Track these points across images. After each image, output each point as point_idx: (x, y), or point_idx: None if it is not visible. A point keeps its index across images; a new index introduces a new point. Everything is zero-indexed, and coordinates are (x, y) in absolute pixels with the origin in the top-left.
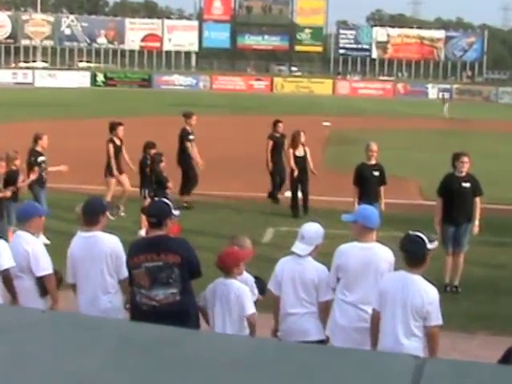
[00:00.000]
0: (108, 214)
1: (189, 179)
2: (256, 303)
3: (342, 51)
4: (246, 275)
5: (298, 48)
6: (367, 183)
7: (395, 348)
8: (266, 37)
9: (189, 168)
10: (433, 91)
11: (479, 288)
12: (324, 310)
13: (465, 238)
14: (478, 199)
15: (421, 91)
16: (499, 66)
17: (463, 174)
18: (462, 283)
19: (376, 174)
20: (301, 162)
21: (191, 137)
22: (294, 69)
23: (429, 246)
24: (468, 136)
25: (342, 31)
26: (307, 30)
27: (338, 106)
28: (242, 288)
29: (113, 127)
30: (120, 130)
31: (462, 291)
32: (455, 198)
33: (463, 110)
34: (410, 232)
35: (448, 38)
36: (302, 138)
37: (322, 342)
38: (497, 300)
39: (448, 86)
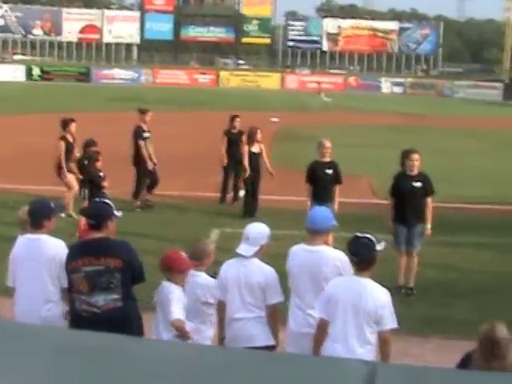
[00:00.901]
0: (56, 215)
1: (142, 180)
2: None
3: (290, 43)
4: (206, 279)
5: (244, 40)
6: (320, 182)
7: (348, 357)
8: (211, 28)
9: (142, 168)
10: (386, 84)
11: (433, 290)
12: (272, 315)
13: (417, 239)
14: (429, 200)
15: (373, 85)
16: (454, 59)
17: (414, 172)
18: (415, 285)
19: (329, 172)
20: (256, 159)
21: (146, 134)
22: (240, 62)
23: (377, 247)
24: (422, 132)
25: (290, 22)
26: (254, 22)
27: (287, 100)
28: (172, 292)
29: (65, 124)
30: (73, 127)
31: (416, 293)
32: (406, 199)
33: (417, 104)
34: (358, 234)
35: (402, 30)
36: (258, 136)
37: (270, 347)
38: (451, 303)
39: (401, 80)
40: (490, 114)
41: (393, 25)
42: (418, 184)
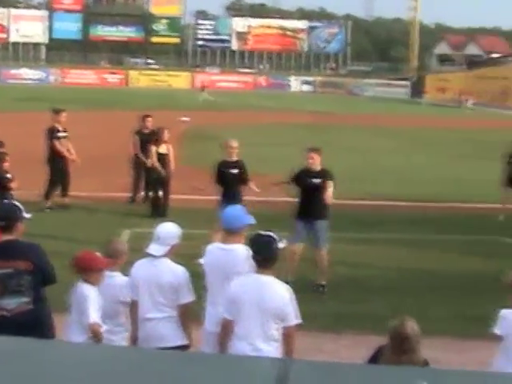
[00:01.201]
0: None
1: (54, 180)
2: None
3: (200, 43)
4: (122, 278)
5: (153, 39)
6: (227, 181)
7: (254, 354)
8: (120, 28)
9: (55, 168)
10: (295, 83)
11: (346, 287)
12: (184, 314)
13: (321, 235)
14: (329, 192)
15: (283, 84)
16: (363, 58)
17: (314, 169)
18: (328, 282)
19: (235, 171)
20: (163, 159)
21: (60, 134)
22: (149, 61)
23: (279, 245)
24: (332, 130)
25: (199, 22)
26: (163, 21)
27: (197, 99)
28: (88, 294)
29: None
30: None
31: (329, 290)
32: (305, 194)
33: (327, 102)
34: (261, 232)
35: (310, 29)
36: (166, 136)
37: (182, 347)
38: (364, 299)
39: (311, 79)
40: (398, 111)
41: (302, 24)
42: (317, 180)
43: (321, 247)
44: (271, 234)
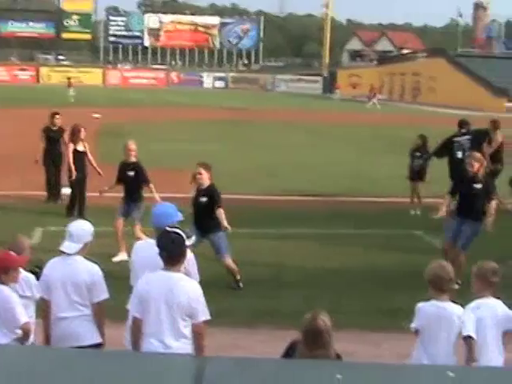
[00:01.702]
0: None
1: None
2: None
3: (112, 39)
4: (26, 274)
5: (64, 36)
6: (126, 183)
7: (165, 352)
8: (31, 24)
9: None
10: (208, 79)
11: (261, 282)
12: (98, 312)
13: (219, 246)
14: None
15: (195, 80)
16: (276, 54)
17: (202, 186)
18: (244, 277)
19: (131, 173)
20: (81, 157)
21: None
22: (61, 58)
23: (187, 242)
24: (246, 126)
25: (111, 18)
26: (75, 17)
27: (109, 96)
28: (10, 296)
29: None
30: None
31: (244, 286)
32: (195, 210)
33: (240, 98)
34: (168, 228)
35: (223, 25)
36: (83, 134)
37: (97, 346)
38: (279, 294)
39: (223, 75)
40: (310, 107)
41: (214, 20)
42: (204, 199)
43: (222, 257)
44: (178, 231)
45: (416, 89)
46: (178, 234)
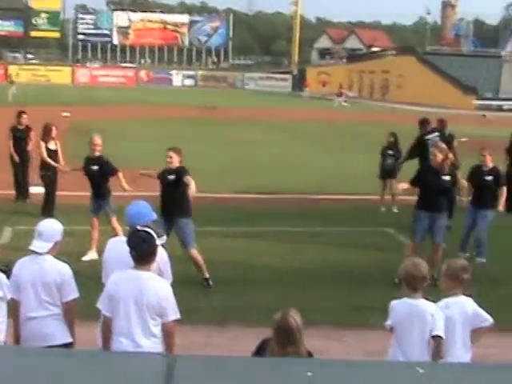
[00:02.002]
0: None
1: None
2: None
3: (81, 37)
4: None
5: (33, 34)
6: (91, 178)
7: (135, 351)
8: None
9: None
10: (177, 78)
11: (232, 280)
12: (69, 312)
13: (185, 234)
14: (192, 187)
15: (165, 78)
16: (245, 52)
17: (171, 167)
18: (214, 275)
19: (95, 168)
20: (53, 156)
21: None
22: (29, 56)
23: (157, 241)
24: (215, 124)
25: (80, 16)
26: (43, 15)
27: (78, 95)
28: None
29: None
30: None
31: (214, 284)
32: (163, 191)
33: (209, 96)
34: (138, 227)
35: (192, 23)
36: (54, 132)
37: (67, 345)
38: (250, 292)
39: (193, 73)
40: (280, 105)
41: (183, 18)
42: (172, 176)
43: (188, 247)
44: (148, 230)
45: (385, 86)
46: (148, 233)
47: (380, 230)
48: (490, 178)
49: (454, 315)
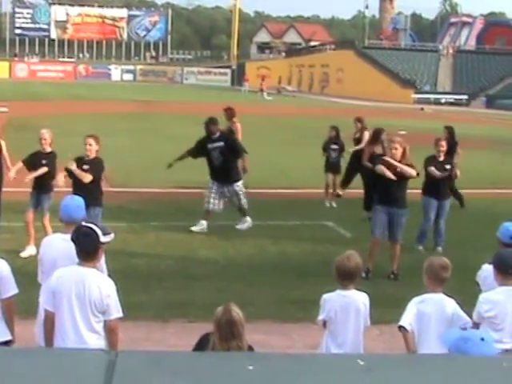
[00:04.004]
0: None
1: None
2: None
3: (18, 31)
4: None
5: None
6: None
7: (78, 347)
8: None
9: None
10: (116, 72)
11: (172, 275)
12: (8, 309)
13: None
14: (101, 183)
15: (104, 72)
16: (184, 46)
17: (88, 157)
18: (155, 270)
19: (44, 162)
20: None
21: None
22: None
23: (102, 239)
24: (154, 118)
25: (17, 10)
26: None
27: (16, 90)
28: None
29: None
30: None
31: (155, 279)
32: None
33: (148, 91)
34: (83, 223)
35: (131, 17)
36: None
37: (7, 343)
38: (190, 286)
39: (132, 67)
40: (219, 99)
41: (122, 12)
42: (87, 166)
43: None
44: (92, 226)
45: (324, 80)
46: (92, 229)
47: (320, 223)
48: (447, 166)
49: (428, 311)
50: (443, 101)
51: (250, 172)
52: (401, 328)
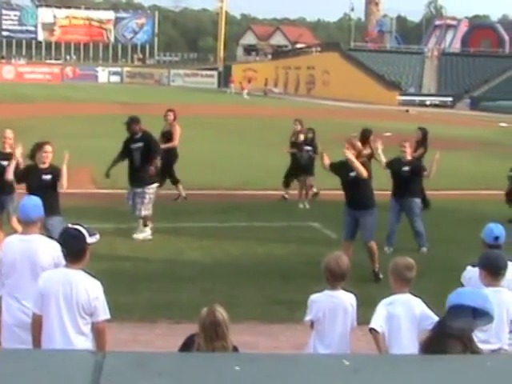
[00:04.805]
0: None
1: None
2: None
3: (5, 33)
4: None
5: None
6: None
7: (65, 348)
8: None
9: None
10: (103, 74)
11: (158, 277)
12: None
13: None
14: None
15: (91, 74)
16: (171, 48)
17: (44, 165)
18: (139, 273)
19: (4, 163)
20: None
21: None
22: None
23: (89, 240)
24: (141, 120)
25: (4, 12)
26: None
27: (3, 91)
28: None
29: None
30: None
31: (142, 281)
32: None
33: (135, 93)
34: (69, 225)
35: (118, 20)
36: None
37: None
38: (176, 288)
39: (119, 69)
40: (206, 101)
41: (109, 14)
42: (48, 176)
43: None
44: (79, 227)
45: (310, 82)
46: (78, 230)
47: (306, 224)
48: (407, 169)
49: (397, 313)
50: (428, 103)
51: (233, 173)
52: (372, 330)
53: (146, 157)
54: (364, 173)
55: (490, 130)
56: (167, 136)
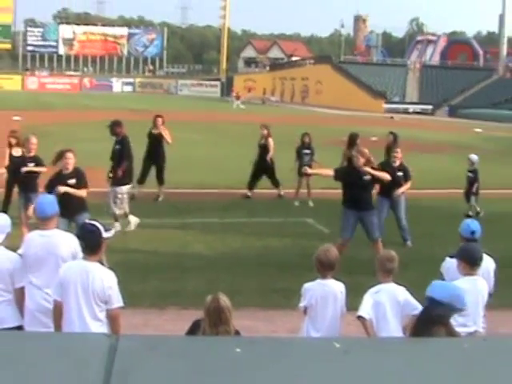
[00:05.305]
0: None
1: None
2: None
3: (30, 48)
4: None
5: None
6: (21, 176)
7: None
8: None
9: None
10: (117, 84)
11: (167, 267)
12: (20, 296)
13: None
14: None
15: (106, 85)
16: (178, 61)
17: (67, 171)
18: (149, 264)
19: (31, 165)
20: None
21: None
22: None
23: (104, 234)
24: (150, 125)
25: (29, 29)
26: None
27: (28, 100)
28: None
29: None
30: None
31: (153, 270)
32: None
33: (146, 101)
34: (86, 220)
35: (130, 35)
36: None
37: (18, 328)
38: (183, 278)
39: (131, 80)
40: (210, 108)
41: (122, 30)
42: (72, 181)
43: None
44: (96, 223)
45: (304, 92)
46: (95, 225)
47: (301, 220)
48: (401, 174)
49: (383, 301)
50: (411, 110)
51: (234, 174)
52: (359, 317)
53: (119, 159)
54: (387, 176)
55: (466, 135)
56: (157, 138)
